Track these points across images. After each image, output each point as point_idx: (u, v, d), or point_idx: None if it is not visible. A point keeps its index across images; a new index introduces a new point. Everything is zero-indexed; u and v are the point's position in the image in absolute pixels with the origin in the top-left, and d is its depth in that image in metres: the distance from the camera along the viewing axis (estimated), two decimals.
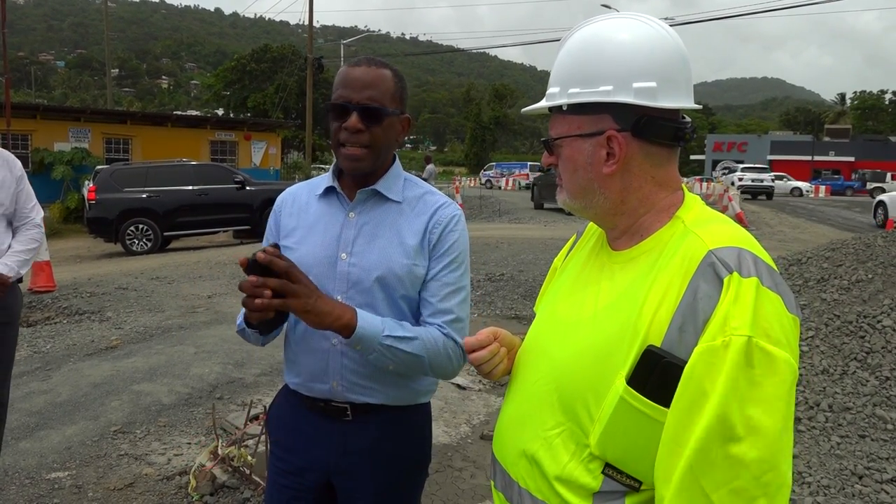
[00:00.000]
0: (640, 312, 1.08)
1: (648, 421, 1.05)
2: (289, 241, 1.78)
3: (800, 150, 57.06)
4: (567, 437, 1.15)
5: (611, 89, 1.15)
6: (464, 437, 4.49)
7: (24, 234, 3.18)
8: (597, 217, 1.25)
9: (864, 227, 18.08)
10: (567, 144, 1.21)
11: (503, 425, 1.32)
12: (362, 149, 1.65)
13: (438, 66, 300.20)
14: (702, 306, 1.02)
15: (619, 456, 1.09)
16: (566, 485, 1.14)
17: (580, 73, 1.18)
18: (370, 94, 1.64)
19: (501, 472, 1.29)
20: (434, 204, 1.77)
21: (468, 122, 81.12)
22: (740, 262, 1.04)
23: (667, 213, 1.19)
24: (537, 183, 24.63)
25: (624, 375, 1.06)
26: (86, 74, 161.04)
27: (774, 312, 1.00)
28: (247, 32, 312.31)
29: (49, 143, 22.43)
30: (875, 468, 3.91)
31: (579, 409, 1.13)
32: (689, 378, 1.00)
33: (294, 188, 1.89)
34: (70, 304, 8.27)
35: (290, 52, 57.98)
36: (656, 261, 1.13)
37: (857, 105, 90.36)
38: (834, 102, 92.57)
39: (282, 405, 1.88)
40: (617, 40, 1.16)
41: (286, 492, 1.81)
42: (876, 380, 4.78)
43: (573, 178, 1.22)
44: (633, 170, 1.18)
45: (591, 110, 1.17)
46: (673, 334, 1.04)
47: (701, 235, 1.10)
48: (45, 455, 4.12)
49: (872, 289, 5.86)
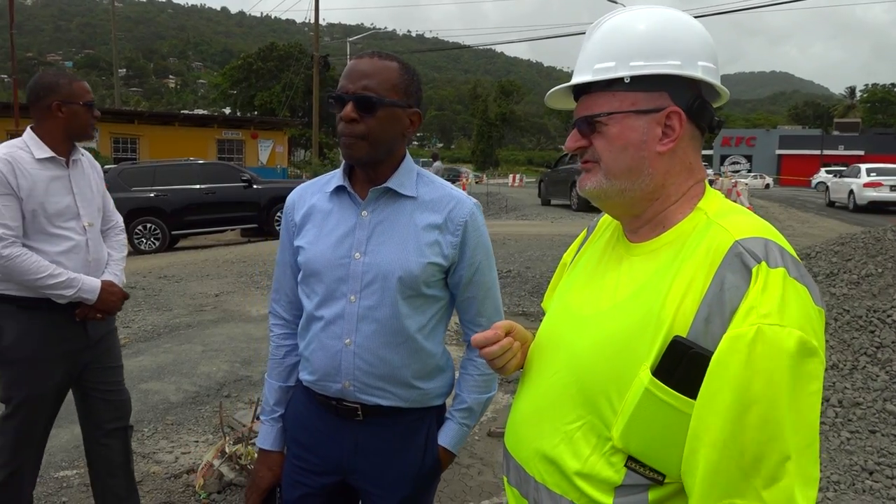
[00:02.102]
0: (663, 303, 1.07)
1: (674, 413, 1.03)
2: (301, 242, 1.77)
3: (809, 145, 56.74)
4: (588, 431, 1.14)
5: (679, 64, 1.15)
6: (471, 435, 4.48)
7: (115, 240, 3.03)
8: (630, 203, 1.20)
9: (873, 221, 17.96)
10: (617, 122, 1.16)
11: (518, 420, 1.30)
12: (357, 139, 1.64)
13: (445, 63, 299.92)
14: (729, 297, 1.01)
15: (642, 449, 1.07)
16: (587, 479, 1.12)
17: (644, 47, 1.16)
18: (365, 84, 1.62)
19: (516, 468, 1.27)
20: (451, 199, 1.74)
21: (475, 118, 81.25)
22: (767, 252, 1.03)
23: (689, 203, 1.18)
24: (544, 179, 24.56)
25: (649, 367, 1.05)
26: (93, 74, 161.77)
27: (801, 303, 1.00)
28: (253, 31, 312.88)
29: None
30: (886, 463, 3.89)
31: (601, 401, 1.11)
32: (717, 368, 1.00)
33: (302, 187, 1.87)
34: None
35: (297, 50, 58.06)
36: (679, 252, 1.12)
37: (866, 98, 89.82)
38: (843, 96, 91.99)
39: (297, 402, 1.88)
40: (680, 19, 1.19)
41: (300, 488, 1.82)
42: (886, 375, 4.74)
43: (619, 157, 1.17)
44: (679, 153, 1.17)
45: (649, 87, 1.15)
46: (699, 325, 1.03)
47: (726, 226, 1.09)
48: (53, 454, 4.13)
49: (882, 283, 5.81)
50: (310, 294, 1.76)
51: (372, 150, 1.66)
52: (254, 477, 1.91)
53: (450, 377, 1.86)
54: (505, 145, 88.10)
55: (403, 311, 1.68)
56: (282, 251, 1.89)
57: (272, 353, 1.93)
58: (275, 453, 1.89)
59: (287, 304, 1.90)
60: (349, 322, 1.69)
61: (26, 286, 2.60)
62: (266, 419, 1.91)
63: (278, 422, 1.90)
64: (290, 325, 1.90)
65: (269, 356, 1.95)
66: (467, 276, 1.76)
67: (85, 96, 2.75)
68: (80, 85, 2.76)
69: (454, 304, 1.83)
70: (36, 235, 2.63)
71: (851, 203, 21.98)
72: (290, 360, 1.89)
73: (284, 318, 1.91)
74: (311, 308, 1.74)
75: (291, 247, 1.82)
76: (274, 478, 1.88)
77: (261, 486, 1.88)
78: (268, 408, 1.91)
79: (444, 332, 1.84)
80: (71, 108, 2.71)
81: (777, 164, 57.95)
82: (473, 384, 1.83)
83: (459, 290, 1.78)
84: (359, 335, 1.68)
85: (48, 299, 2.65)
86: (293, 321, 1.89)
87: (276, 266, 1.92)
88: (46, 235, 2.65)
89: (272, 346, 1.94)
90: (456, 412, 1.84)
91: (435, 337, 1.78)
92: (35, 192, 2.62)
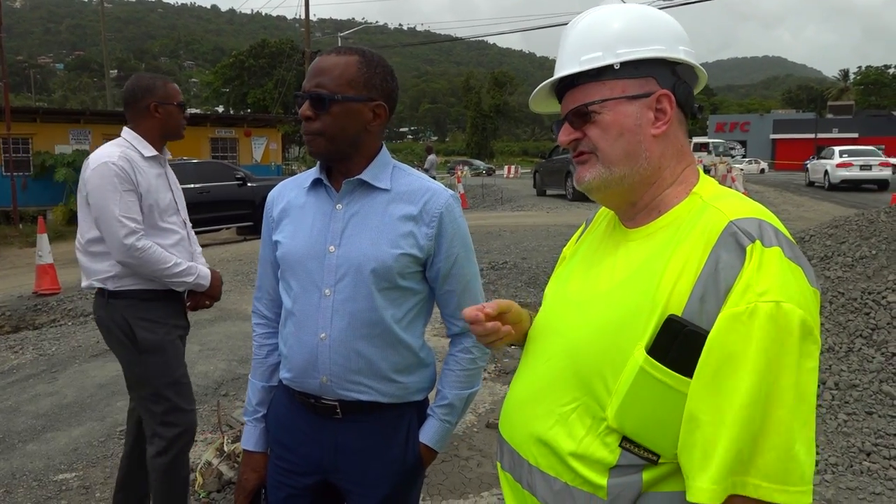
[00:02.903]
0: (658, 284, 1.09)
1: (669, 391, 1.05)
2: (279, 237, 1.78)
3: (803, 129, 56.65)
4: (583, 412, 1.14)
5: (664, 48, 1.19)
6: (469, 427, 4.49)
7: (192, 235, 3.13)
8: (629, 189, 1.21)
9: (867, 203, 17.98)
10: (610, 109, 1.19)
11: (512, 405, 1.31)
12: (314, 136, 1.67)
13: (437, 55, 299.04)
14: (724, 276, 1.03)
15: (637, 428, 1.08)
16: (582, 460, 1.13)
17: (628, 36, 1.20)
18: (318, 82, 1.64)
19: (510, 452, 1.28)
20: (426, 191, 1.73)
21: (468, 111, 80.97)
22: (762, 232, 1.05)
23: (684, 188, 1.20)
24: (539, 170, 24.54)
25: (644, 346, 1.06)
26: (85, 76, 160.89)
27: (797, 283, 1.02)
28: (244, 28, 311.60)
29: (50, 146, 22.41)
30: (883, 444, 3.90)
31: (596, 382, 1.12)
32: (713, 346, 1.01)
33: (282, 184, 1.88)
34: (75, 305, 8.29)
35: (288, 46, 57.94)
36: (675, 234, 1.14)
37: (859, 81, 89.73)
38: (836, 79, 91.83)
39: (278, 402, 1.87)
40: (655, 11, 1.25)
41: (285, 489, 1.81)
42: (882, 356, 4.75)
43: (616, 143, 1.19)
44: (670, 135, 1.20)
45: (637, 73, 1.19)
46: (694, 305, 1.04)
47: (720, 208, 1.11)
48: (52, 457, 4.13)
49: (876, 265, 5.82)
50: (287, 289, 1.76)
51: (330, 145, 1.67)
52: (240, 479, 1.90)
53: (431, 372, 1.85)
54: (499, 137, 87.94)
55: (379, 303, 1.68)
56: (263, 248, 1.89)
57: (255, 353, 1.93)
58: (258, 454, 1.89)
59: (269, 302, 1.90)
60: (324, 316, 1.68)
61: (149, 277, 2.78)
62: (249, 420, 1.90)
63: (261, 422, 1.89)
64: (272, 323, 1.90)
65: (252, 356, 1.95)
66: (445, 269, 1.75)
67: (178, 97, 2.93)
68: (174, 86, 2.93)
69: (434, 298, 1.83)
70: (151, 230, 2.80)
71: (826, 182, 24.25)
72: (272, 359, 1.89)
73: (267, 316, 1.91)
74: (289, 303, 1.75)
75: (271, 243, 1.82)
76: (259, 479, 1.88)
77: (247, 488, 1.88)
78: (251, 408, 1.90)
79: (423, 326, 1.82)
80: (167, 108, 2.86)
81: (772, 148, 57.88)
82: (455, 380, 1.82)
83: (438, 283, 1.77)
84: (333, 329, 1.68)
85: (163, 290, 2.83)
86: (275, 320, 1.89)
87: (259, 264, 1.93)
88: (159, 230, 2.83)
89: (255, 346, 1.94)
90: (437, 408, 1.83)
91: (413, 330, 1.76)
92: (150, 189, 2.79)
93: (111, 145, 2.81)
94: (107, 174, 2.69)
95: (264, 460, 1.88)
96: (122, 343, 2.81)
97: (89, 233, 2.82)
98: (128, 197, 2.70)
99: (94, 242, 2.81)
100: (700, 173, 1.24)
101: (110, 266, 2.78)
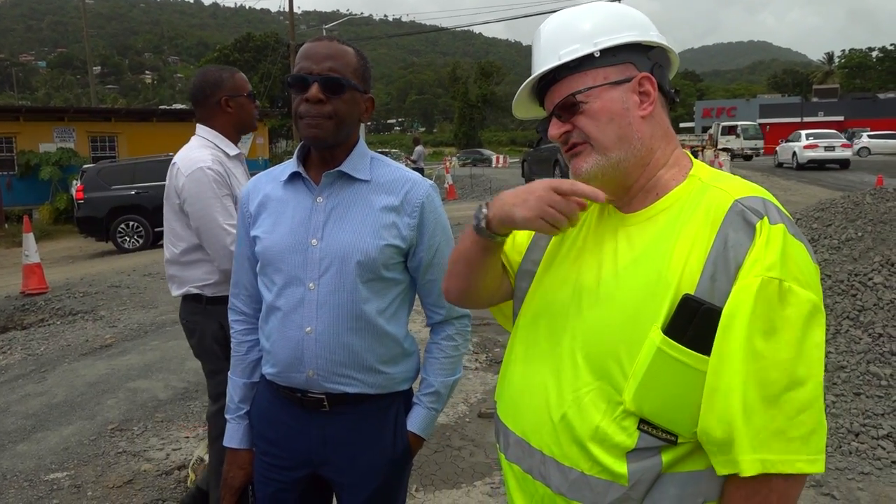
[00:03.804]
0: (668, 265, 1.10)
1: (687, 370, 1.06)
2: (258, 231, 1.76)
3: (789, 112, 56.89)
4: (597, 397, 1.14)
5: (638, 34, 1.22)
6: (461, 417, 4.49)
7: None
8: (626, 173, 1.21)
9: (854, 185, 18.08)
10: (597, 96, 1.20)
11: (515, 392, 1.29)
12: (324, 119, 1.62)
13: (423, 46, 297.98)
14: (734, 254, 1.06)
15: (655, 409, 1.09)
16: (599, 445, 1.13)
17: (603, 25, 1.22)
18: (331, 66, 1.62)
19: (517, 442, 1.26)
20: (406, 181, 1.74)
21: (456, 101, 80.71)
22: (767, 209, 1.09)
23: (681, 171, 1.22)
24: (527, 159, 24.53)
25: (660, 326, 1.07)
26: (68, 73, 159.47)
27: (802, 258, 1.06)
28: (228, 22, 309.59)
29: (34, 145, 22.21)
30: (871, 424, 3.94)
31: (611, 366, 1.13)
32: (727, 320, 1.04)
33: (256, 178, 1.86)
34: (63, 304, 8.24)
35: (273, 40, 57.61)
36: (678, 216, 1.15)
37: (844, 64, 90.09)
38: (821, 62, 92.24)
39: (261, 397, 1.86)
40: (620, 5, 1.30)
41: (273, 484, 1.80)
42: (869, 337, 4.79)
43: (608, 129, 1.19)
44: (657, 117, 1.22)
45: (615, 60, 1.21)
46: (705, 283, 1.07)
47: (723, 187, 1.14)
48: (43, 457, 4.11)
49: (863, 247, 5.86)
50: (269, 284, 1.74)
51: (337, 130, 1.65)
52: (225, 477, 1.89)
53: (415, 361, 1.85)
54: (487, 126, 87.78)
55: (364, 295, 1.67)
56: (238, 244, 1.87)
57: (234, 350, 1.91)
58: (243, 451, 1.88)
59: (247, 298, 1.88)
60: (309, 309, 1.67)
61: None
62: (232, 417, 1.89)
63: (244, 419, 1.88)
64: (250, 319, 1.88)
65: (232, 353, 1.92)
66: (427, 259, 1.75)
67: (247, 87, 2.81)
68: (241, 76, 2.81)
69: (415, 287, 1.83)
70: None
71: (795, 163, 26.36)
72: (252, 355, 1.88)
73: (245, 312, 1.89)
74: (271, 298, 1.73)
75: (248, 238, 1.80)
76: (245, 476, 1.87)
77: (233, 486, 1.87)
78: (233, 406, 1.89)
79: (407, 315, 1.83)
80: (238, 100, 2.76)
81: None
82: (440, 367, 1.83)
83: (420, 272, 1.77)
84: (319, 322, 1.67)
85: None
86: (253, 315, 1.87)
87: (234, 260, 1.90)
88: None
89: (234, 343, 1.91)
90: (423, 397, 1.83)
91: (398, 320, 1.77)
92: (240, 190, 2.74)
93: (198, 147, 2.69)
94: (204, 180, 2.58)
95: (249, 457, 1.87)
96: (212, 350, 2.74)
97: (184, 242, 2.71)
98: (227, 202, 2.61)
99: (191, 251, 2.70)
100: (691, 157, 1.27)
101: (207, 273, 2.70)
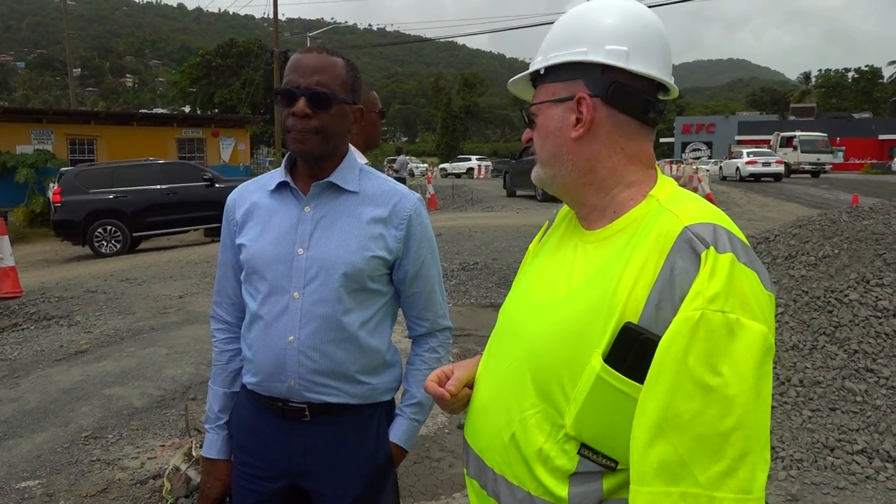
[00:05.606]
0: (615, 290, 1.08)
1: (625, 399, 1.04)
2: (243, 239, 1.75)
3: (767, 130, 57.48)
4: (542, 419, 1.14)
5: (585, 50, 1.18)
6: (441, 428, 4.49)
7: None
8: (566, 189, 1.24)
9: (830, 203, 18.36)
10: (541, 112, 1.22)
11: (475, 411, 1.30)
12: (310, 134, 1.62)
13: (407, 56, 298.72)
14: (679, 282, 1.02)
15: (595, 436, 1.07)
16: (543, 466, 1.12)
17: (559, 39, 1.22)
18: (318, 80, 1.62)
19: (475, 459, 1.27)
20: (394, 193, 1.74)
21: (439, 111, 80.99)
22: (716, 237, 1.04)
23: (640, 191, 1.19)
24: (509, 171, 24.65)
25: (601, 353, 1.05)
26: (47, 75, 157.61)
27: (750, 288, 1.01)
28: (211, 28, 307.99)
29: (11, 146, 21.90)
30: (846, 440, 3.98)
31: (554, 389, 1.12)
32: (664, 351, 1.00)
33: (242, 186, 1.85)
34: (38, 309, 8.11)
35: (257, 46, 57.44)
36: (631, 238, 1.12)
37: (820, 83, 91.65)
38: (799, 81, 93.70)
39: (241, 407, 1.84)
40: (595, 8, 1.22)
41: (251, 496, 1.78)
42: (844, 353, 4.85)
43: (544, 145, 1.23)
44: (601, 137, 1.18)
45: (565, 76, 1.19)
46: (650, 311, 1.03)
47: (676, 212, 1.10)
48: (14, 464, 4.04)
49: (839, 264, 5.94)
50: (253, 293, 1.73)
51: (324, 144, 1.65)
52: (202, 488, 1.87)
53: (398, 372, 1.85)
54: (469, 137, 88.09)
55: (348, 305, 1.67)
56: (223, 252, 1.85)
57: (215, 359, 1.89)
58: (221, 462, 1.85)
59: (229, 307, 1.87)
60: (293, 319, 1.67)
61: None
62: (211, 427, 1.87)
63: (224, 429, 1.86)
64: (232, 328, 1.87)
65: (212, 362, 1.91)
66: (413, 272, 1.76)
67: (378, 104, 2.85)
68: (374, 94, 2.83)
69: (399, 299, 1.83)
70: None
71: (738, 176, 30.62)
72: (234, 364, 1.86)
73: (228, 321, 1.88)
74: (255, 307, 1.72)
75: (233, 246, 1.79)
76: (223, 487, 1.85)
77: (211, 497, 1.85)
78: (212, 415, 1.87)
79: (390, 327, 1.82)
80: (370, 116, 2.74)
81: None
82: (422, 378, 1.82)
83: (405, 285, 1.78)
84: (303, 332, 1.66)
85: None
86: (236, 324, 1.86)
87: (218, 268, 1.89)
88: None
89: (215, 352, 1.90)
90: (406, 408, 1.83)
91: (381, 332, 1.77)
92: None
93: None
94: None
95: (228, 468, 1.85)
96: None
97: None
98: None
99: None
100: (659, 174, 1.23)
101: None
